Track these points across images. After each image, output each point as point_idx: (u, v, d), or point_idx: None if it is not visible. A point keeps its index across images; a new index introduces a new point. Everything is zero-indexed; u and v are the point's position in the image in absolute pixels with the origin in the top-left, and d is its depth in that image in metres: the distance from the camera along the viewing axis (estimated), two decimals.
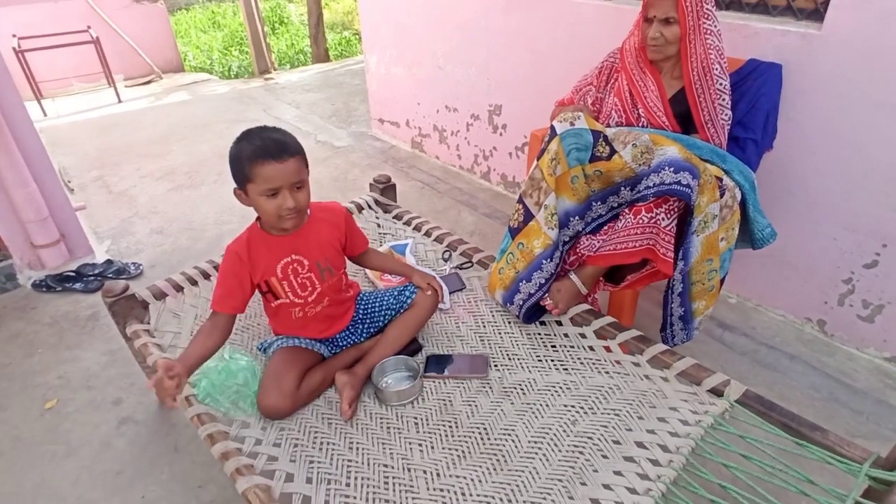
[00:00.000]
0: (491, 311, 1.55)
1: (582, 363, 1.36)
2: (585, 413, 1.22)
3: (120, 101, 4.38)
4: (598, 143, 1.42)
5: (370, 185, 2.03)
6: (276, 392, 1.20)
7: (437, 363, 1.38)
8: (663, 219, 1.33)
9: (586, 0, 2.07)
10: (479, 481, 1.08)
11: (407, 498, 1.05)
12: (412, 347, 1.42)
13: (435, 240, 1.83)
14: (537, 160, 1.46)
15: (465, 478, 1.09)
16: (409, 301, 1.41)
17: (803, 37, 1.55)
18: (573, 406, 1.24)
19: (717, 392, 1.23)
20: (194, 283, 1.58)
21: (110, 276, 2.23)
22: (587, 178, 1.46)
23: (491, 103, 2.68)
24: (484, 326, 1.50)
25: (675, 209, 1.33)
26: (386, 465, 1.12)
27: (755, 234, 1.51)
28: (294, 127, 3.78)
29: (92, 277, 2.21)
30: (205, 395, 1.23)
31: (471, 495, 1.05)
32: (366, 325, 1.44)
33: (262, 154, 1.11)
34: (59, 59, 4.49)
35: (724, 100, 1.52)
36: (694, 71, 1.50)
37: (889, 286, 1.65)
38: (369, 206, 1.97)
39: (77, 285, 2.17)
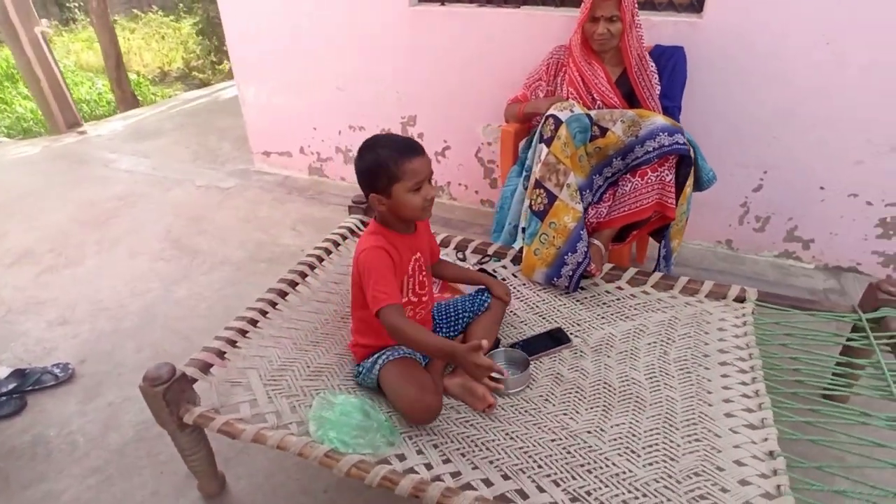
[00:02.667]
0: (535, 292, 1.67)
1: (636, 309, 1.57)
2: (668, 344, 1.44)
3: None
4: (592, 125, 1.66)
5: (350, 207, 1.97)
6: (427, 393, 1.20)
7: (525, 348, 1.45)
8: (667, 174, 1.62)
9: (497, 9, 2.31)
10: (638, 422, 1.21)
11: (595, 456, 1.13)
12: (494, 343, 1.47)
13: (441, 244, 1.87)
14: (548, 147, 1.63)
15: (624, 424, 1.21)
16: (485, 304, 1.46)
17: (690, 24, 2.01)
18: (655, 342, 1.45)
19: (739, 299, 1.56)
20: (233, 343, 1.38)
21: (30, 388, 1.75)
22: (588, 156, 1.68)
23: (404, 115, 2.76)
24: (537, 306, 1.62)
25: (673, 165, 1.63)
26: (553, 440, 1.18)
27: (703, 178, 1.89)
28: (160, 177, 3.32)
29: (4, 398, 1.71)
30: (342, 444, 1.12)
31: (642, 434, 1.18)
32: (444, 332, 1.45)
33: (407, 152, 1.18)
34: None
35: (655, 78, 1.89)
36: (633, 58, 1.83)
37: (772, 202, 2.22)
38: (359, 229, 1.91)
39: None
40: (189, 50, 8.87)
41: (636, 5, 1.78)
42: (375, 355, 1.30)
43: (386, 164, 1.18)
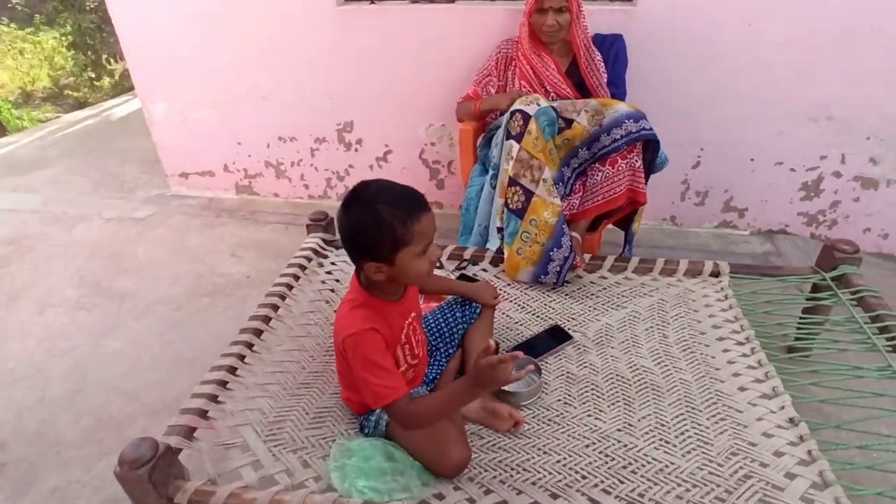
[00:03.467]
0: (522, 291, 1.63)
1: (624, 296, 1.58)
2: (664, 327, 1.46)
3: None
4: (557, 117, 1.64)
5: (307, 226, 1.80)
6: (451, 445, 1.07)
7: (529, 350, 1.41)
8: (636, 160, 1.64)
9: (432, 5, 2.23)
10: (662, 410, 1.21)
11: (633, 454, 1.11)
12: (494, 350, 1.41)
13: None
14: (518, 143, 1.59)
15: (650, 415, 1.20)
16: (477, 311, 1.39)
17: (625, 12, 2.06)
18: (652, 327, 1.46)
19: (714, 273, 1.63)
20: (215, 399, 1.20)
21: None
22: (557, 148, 1.67)
23: (339, 122, 2.61)
24: (528, 305, 1.58)
25: (641, 151, 1.65)
26: (588, 446, 1.14)
27: (656, 161, 1.96)
28: (56, 213, 2.88)
29: None
30: (374, 492, 1.01)
31: (670, 422, 1.17)
32: (443, 351, 1.36)
33: (415, 208, 0.96)
34: None
35: (602, 66, 1.91)
36: (581, 48, 1.84)
37: (709, 177, 2.36)
38: (322, 249, 1.76)
39: None
40: (57, 66, 7.86)
41: None
42: (377, 411, 1.15)
43: (390, 225, 0.95)
